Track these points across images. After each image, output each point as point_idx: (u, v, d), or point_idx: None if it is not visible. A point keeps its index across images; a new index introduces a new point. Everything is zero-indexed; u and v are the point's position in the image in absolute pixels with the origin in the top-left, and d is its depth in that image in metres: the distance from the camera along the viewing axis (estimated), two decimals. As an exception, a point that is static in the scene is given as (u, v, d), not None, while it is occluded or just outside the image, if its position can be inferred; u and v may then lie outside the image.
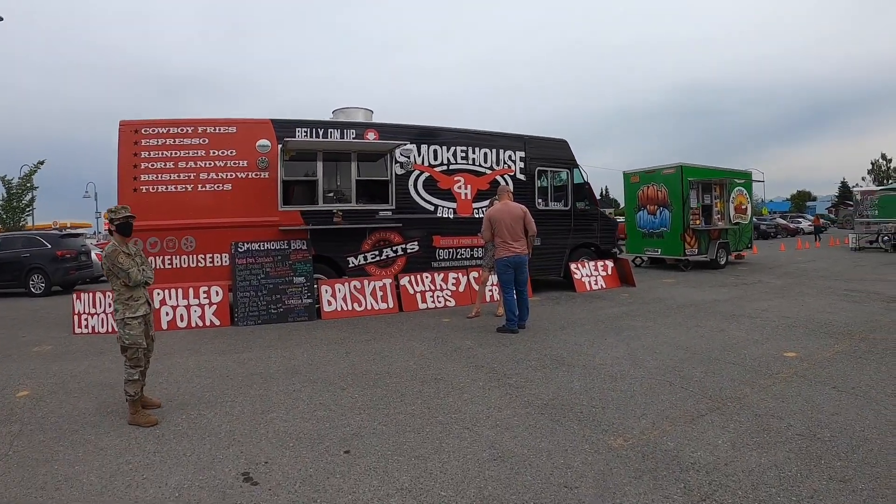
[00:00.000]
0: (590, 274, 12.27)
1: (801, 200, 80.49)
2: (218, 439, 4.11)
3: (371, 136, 10.05)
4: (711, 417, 4.28)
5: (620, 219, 22.68)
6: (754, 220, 19.81)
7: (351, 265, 9.84)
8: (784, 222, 42.46)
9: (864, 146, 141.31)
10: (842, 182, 76.33)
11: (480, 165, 11.10)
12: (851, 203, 54.00)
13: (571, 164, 12.32)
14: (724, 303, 10.04)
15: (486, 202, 10.18)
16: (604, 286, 12.23)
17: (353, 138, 9.91)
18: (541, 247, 11.07)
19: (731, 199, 17.35)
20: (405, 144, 10.11)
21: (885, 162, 67.66)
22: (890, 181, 55.34)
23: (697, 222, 16.24)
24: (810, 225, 44.15)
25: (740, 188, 17.85)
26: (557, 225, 12.04)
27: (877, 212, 23.49)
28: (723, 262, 16.91)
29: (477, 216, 10.74)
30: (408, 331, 8.16)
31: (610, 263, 12.69)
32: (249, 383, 5.61)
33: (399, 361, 6.35)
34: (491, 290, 10.29)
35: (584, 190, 12.56)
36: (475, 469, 3.51)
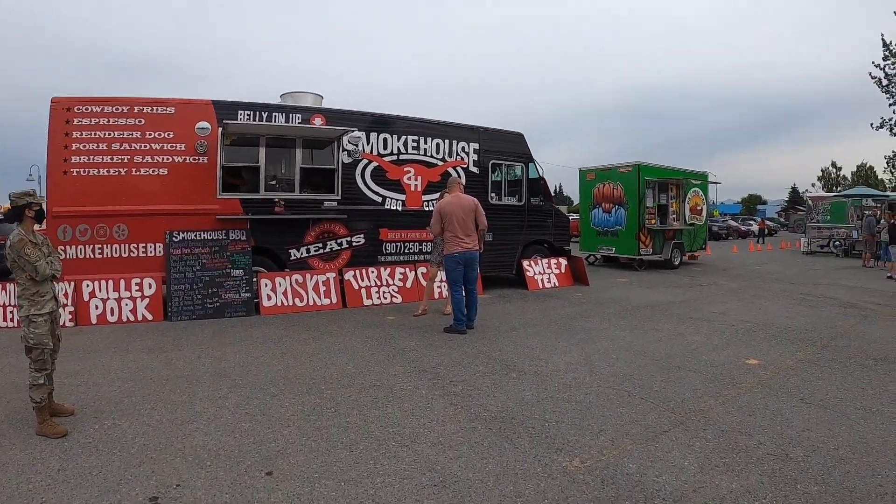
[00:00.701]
0: (542, 272, 12.14)
1: (751, 204, 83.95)
2: (129, 455, 3.61)
3: (318, 121, 9.60)
4: (675, 434, 3.99)
5: (574, 216, 22.74)
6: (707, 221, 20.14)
7: (293, 258, 9.53)
8: (736, 224, 43.82)
9: (814, 154, 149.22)
10: (792, 187, 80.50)
11: (432, 156, 10.87)
12: (802, 208, 57.63)
13: (527, 158, 12.21)
14: (680, 304, 9.96)
15: (437, 195, 9.84)
16: (557, 284, 12.13)
17: (299, 123, 9.47)
18: (493, 242, 10.99)
19: (686, 199, 17.58)
20: (353, 131, 9.72)
21: (835, 170, 71.30)
22: (839, 188, 58.01)
23: (653, 222, 16.33)
24: (762, 227, 45.78)
25: (696, 189, 18.10)
26: (510, 220, 11.90)
27: (829, 217, 24.42)
28: (677, 263, 17.09)
29: (427, 209, 10.49)
30: (350, 329, 7.73)
31: (563, 261, 12.61)
32: (174, 387, 5.07)
33: (337, 364, 5.91)
34: (440, 287, 9.99)
35: (539, 185, 12.48)
36: (412, 497, 3.08)
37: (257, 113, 9.18)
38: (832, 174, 70.85)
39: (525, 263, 11.89)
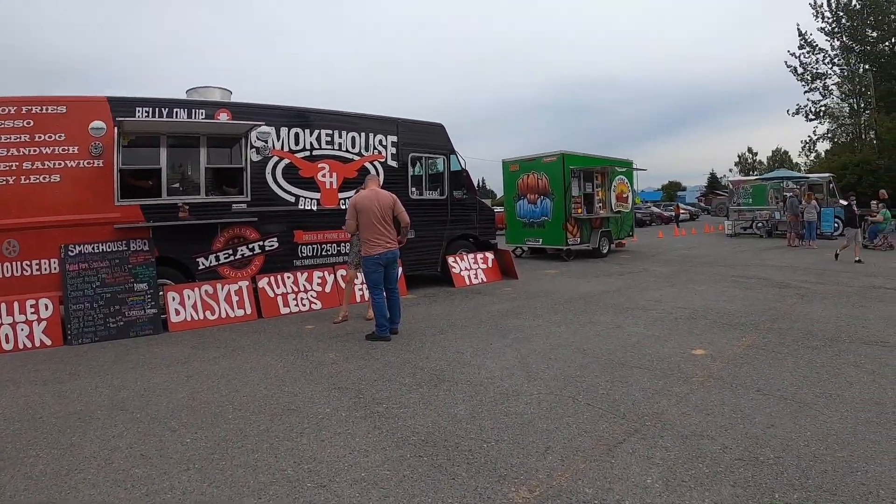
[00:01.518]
0: (469, 267, 11.93)
1: (672, 190, 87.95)
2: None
3: (223, 117, 9.03)
4: (632, 444, 3.60)
5: (499, 209, 22.71)
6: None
7: (201, 267, 9.02)
8: (658, 210, 45.37)
9: (731, 141, 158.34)
10: (711, 173, 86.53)
11: (348, 151, 10.55)
12: (720, 192, 61.04)
13: (448, 150, 12.07)
14: (613, 294, 9.80)
15: (354, 192, 9.33)
16: (484, 280, 11.93)
17: (204, 120, 8.86)
18: (415, 239, 10.85)
19: (612, 187, 17.86)
20: (260, 125, 9.15)
21: (751, 155, 78.62)
22: (755, 173, 61.79)
23: (579, 211, 16.42)
24: (684, 213, 47.76)
25: (621, 177, 18.42)
26: (433, 215, 11.76)
27: (750, 200, 25.54)
28: (605, 251, 17.25)
29: (343, 207, 10.11)
30: (265, 343, 7.12)
31: (490, 255, 12.49)
32: (63, 427, 4.33)
33: (248, 386, 5.28)
34: (361, 289, 9.63)
35: (461, 178, 12.35)
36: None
37: (157, 109, 8.57)
38: (748, 159, 76.89)
39: (450, 260, 11.74)
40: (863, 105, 35.95)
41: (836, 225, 22.33)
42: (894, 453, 3.43)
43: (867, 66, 34.82)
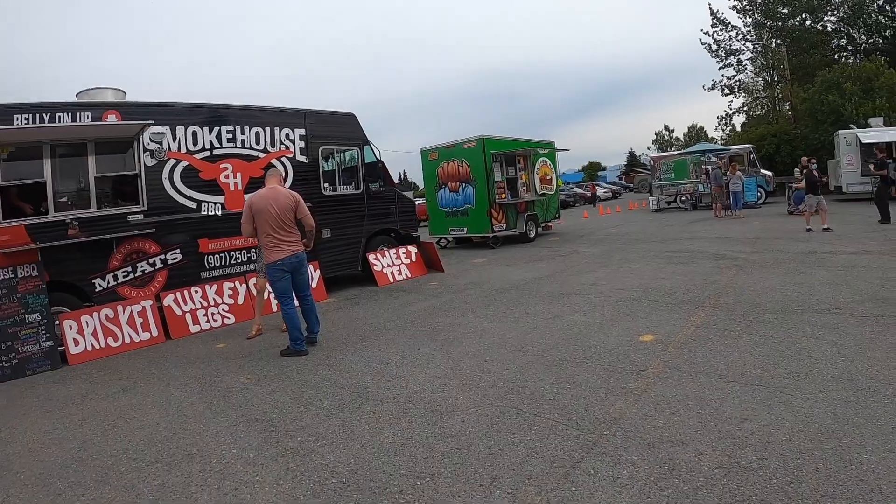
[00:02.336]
0: (391, 263, 11.49)
1: (593, 171, 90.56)
2: None
3: (112, 118, 8.22)
4: (592, 462, 3.09)
5: (421, 200, 22.26)
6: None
7: (98, 289, 8.25)
8: (581, 191, 46.12)
9: (648, 120, 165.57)
10: (630, 152, 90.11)
11: (252, 148, 9.92)
12: (641, 170, 63.31)
13: (361, 141, 11.61)
14: (547, 280, 9.41)
15: None
16: (409, 275, 11.49)
17: (90, 122, 8.04)
18: (332, 239, 10.60)
19: (535, 170, 17.68)
20: (150, 124, 8.36)
21: (667, 132, 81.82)
22: (672, 149, 64.41)
23: (503, 196, 16.08)
24: (606, 192, 48.80)
25: (544, 159, 18.22)
26: (350, 211, 11.31)
27: (673, 175, 26.18)
28: (533, 235, 17.02)
29: None
30: (170, 370, 6.33)
31: (413, 249, 12.07)
32: None
33: (147, 426, 4.56)
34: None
35: (377, 169, 11.89)
36: None
37: (38, 115, 7.71)
38: (665, 136, 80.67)
39: (371, 257, 11.30)
40: (776, 78, 37.72)
41: (759, 194, 23.05)
42: (883, 436, 3.14)
43: (779, 41, 36.60)
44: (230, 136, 9.57)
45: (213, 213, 9.28)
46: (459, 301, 8.38)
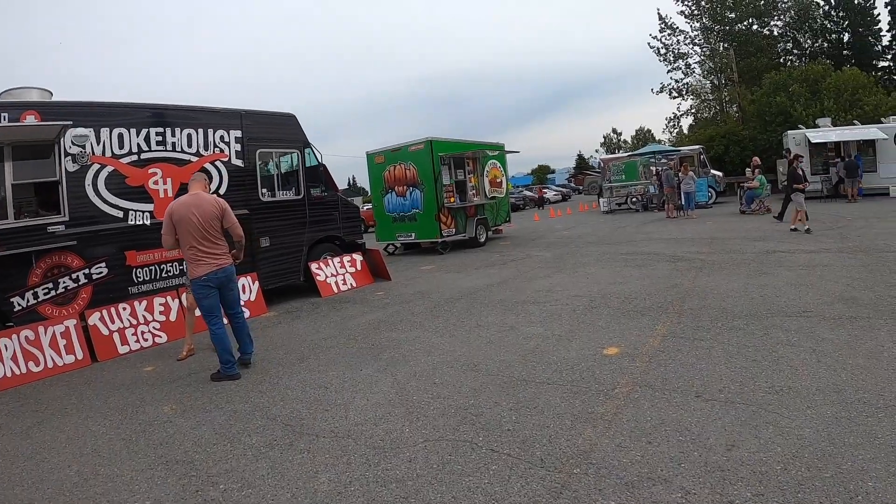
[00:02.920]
0: (335, 273, 10.99)
1: (542, 173, 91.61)
2: None
3: (31, 120, 7.61)
4: (563, 511, 2.65)
5: (368, 206, 21.77)
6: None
7: (17, 308, 7.67)
8: (531, 194, 46.26)
9: (595, 123, 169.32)
10: (578, 155, 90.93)
11: (183, 151, 9.34)
12: (590, 172, 64.23)
13: (302, 143, 11.11)
14: (499, 288, 9.02)
15: None
16: (354, 285, 10.99)
17: (6, 124, 7.44)
18: (271, 248, 10.12)
19: (485, 172, 17.36)
20: (68, 124, 7.77)
21: (615, 135, 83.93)
22: (620, 151, 65.85)
23: (452, 200, 15.67)
24: (556, 194, 49.12)
25: (493, 161, 17.91)
26: (290, 218, 10.80)
27: (623, 176, 26.35)
28: (483, 240, 16.66)
29: None
30: (92, 398, 5.68)
31: (358, 257, 11.58)
32: None
33: (59, 469, 4.00)
34: None
35: (318, 173, 11.41)
36: None
37: None
38: (613, 139, 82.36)
39: (314, 267, 10.80)
40: (724, 81, 39.01)
41: (710, 194, 23.33)
42: (885, 458, 2.85)
43: (726, 45, 37.93)
44: (160, 138, 8.98)
45: (141, 222, 8.69)
46: (406, 313, 7.90)
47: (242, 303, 8.62)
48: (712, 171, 24.97)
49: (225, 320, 6.04)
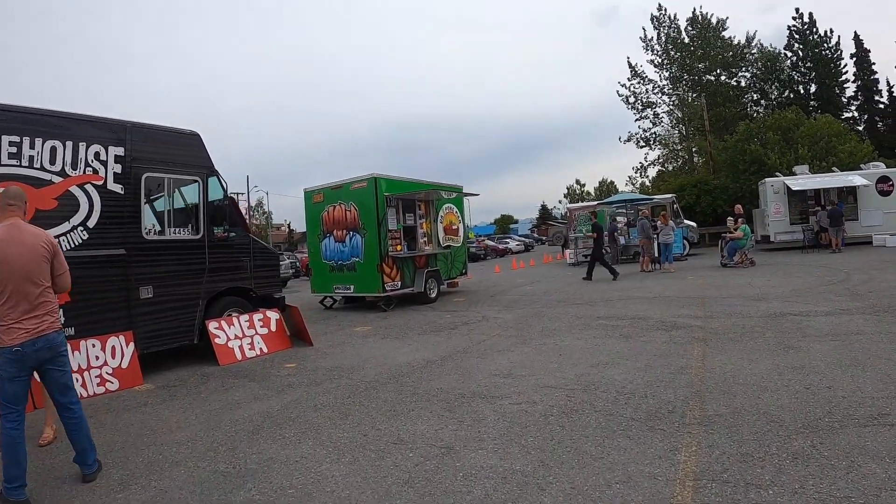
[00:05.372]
0: (241, 334, 8.78)
1: (505, 223, 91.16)
2: None
3: None
4: None
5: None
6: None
7: None
8: (493, 244, 44.72)
9: (559, 175, 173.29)
10: (542, 205, 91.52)
11: (44, 168, 7.32)
12: (553, 222, 63.32)
13: (206, 170, 9.08)
14: (442, 367, 6.79)
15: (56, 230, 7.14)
16: (264, 350, 8.77)
17: None
18: (155, 300, 8.08)
19: (439, 218, 15.12)
20: None
21: (579, 186, 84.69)
22: (583, 202, 66.44)
23: (399, 248, 13.38)
24: (518, 244, 47.59)
25: (450, 205, 15.71)
26: (183, 263, 8.72)
27: (591, 226, 24.48)
28: (434, 295, 14.27)
29: None
30: None
31: (274, 315, 9.35)
32: None
33: None
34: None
35: (225, 208, 9.31)
36: None
37: None
38: (577, 190, 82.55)
39: (213, 326, 8.63)
40: (692, 131, 38.82)
41: (684, 245, 21.64)
42: None
43: (696, 94, 38.22)
44: (14, 149, 7.00)
45: None
46: (308, 404, 5.61)
47: (111, 370, 6.88)
48: (685, 221, 23.35)
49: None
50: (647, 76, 40.33)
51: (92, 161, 7.75)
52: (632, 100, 40.93)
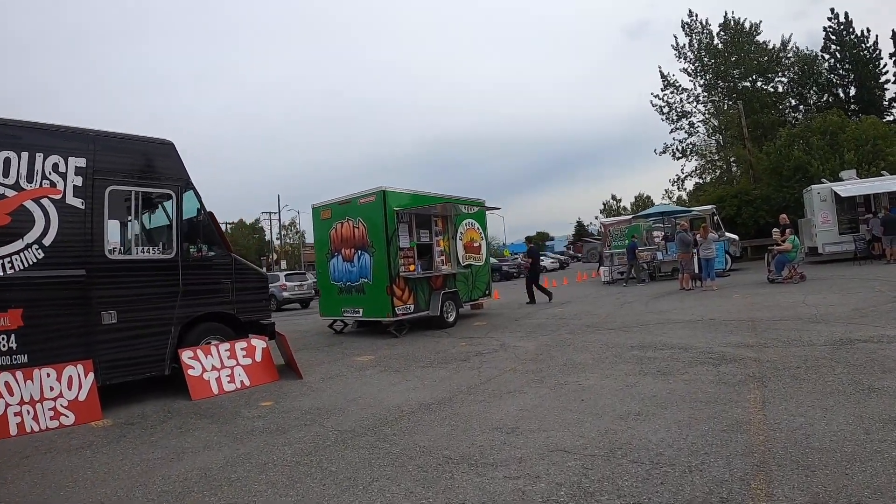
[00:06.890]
0: (219, 365, 7.85)
1: (541, 241, 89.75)
2: None
3: None
4: None
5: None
6: (493, 261, 16.74)
7: None
8: (525, 262, 43.37)
9: (595, 191, 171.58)
10: (578, 221, 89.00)
11: None
12: (590, 239, 61.82)
13: (181, 183, 8.30)
14: (434, 413, 5.56)
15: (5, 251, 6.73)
16: (246, 383, 7.85)
17: None
18: (119, 326, 7.33)
19: (458, 235, 13.91)
20: None
21: (615, 202, 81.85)
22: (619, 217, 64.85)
23: (411, 268, 12.19)
24: (553, 262, 46.22)
25: (470, 220, 14.47)
26: (152, 285, 7.89)
27: (627, 241, 23.04)
28: (452, 319, 12.94)
29: None
30: None
31: (259, 344, 8.36)
32: None
33: None
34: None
35: (201, 225, 8.47)
36: None
37: None
38: (613, 206, 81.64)
39: (186, 355, 7.72)
40: (729, 139, 37.20)
41: (726, 260, 20.02)
42: None
43: (731, 102, 36.75)
44: None
45: None
46: (258, 460, 4.50)
47: (66, 403, 6.45)
48: (727, 234, 21.70)
49: None
50: (680, 85, 38.95)
51: (50, 173, 7.08)
52: (666, 110, 39.53)
